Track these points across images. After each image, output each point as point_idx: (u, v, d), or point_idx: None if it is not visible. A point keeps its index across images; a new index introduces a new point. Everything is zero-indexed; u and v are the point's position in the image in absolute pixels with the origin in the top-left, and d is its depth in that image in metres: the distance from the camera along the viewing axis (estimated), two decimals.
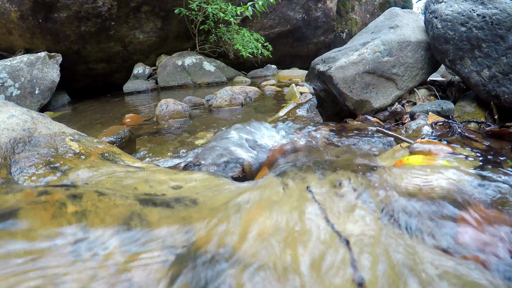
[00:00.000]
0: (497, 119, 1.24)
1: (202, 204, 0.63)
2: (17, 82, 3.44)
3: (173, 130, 2.20)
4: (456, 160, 0.83)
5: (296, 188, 0.65)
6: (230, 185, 0.74)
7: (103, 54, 4.88)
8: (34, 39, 4.33)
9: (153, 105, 3.26)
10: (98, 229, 0.51)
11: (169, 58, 5.09)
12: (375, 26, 1.74)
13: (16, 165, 0.80)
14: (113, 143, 1.53)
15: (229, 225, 0.55)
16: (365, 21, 8.54)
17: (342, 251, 0.50)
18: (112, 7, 4.35)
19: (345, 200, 0.62)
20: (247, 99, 3.24)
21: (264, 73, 5.57)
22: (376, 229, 0.55)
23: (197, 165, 1.14)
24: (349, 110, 1.50)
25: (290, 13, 6.40)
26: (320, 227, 0.55)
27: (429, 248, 0.52)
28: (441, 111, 1.31)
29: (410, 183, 0.66)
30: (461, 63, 1.29)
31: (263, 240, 0.52)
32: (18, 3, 4.00)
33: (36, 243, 0.47)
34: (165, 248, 0.50)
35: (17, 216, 0.50)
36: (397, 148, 1.05)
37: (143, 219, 0.55)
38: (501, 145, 0.97)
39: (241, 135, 1.31)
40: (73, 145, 0.93)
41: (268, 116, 2.38)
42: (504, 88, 1.19)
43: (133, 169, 0.89)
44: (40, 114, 1.05)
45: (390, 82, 1.50)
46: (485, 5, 1.24)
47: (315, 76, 1.56)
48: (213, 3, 4.73)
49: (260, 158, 1.15)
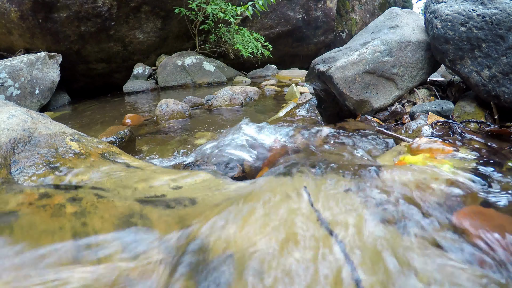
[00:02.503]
0: (497, 119, 1.24)
1: (202, 203, 0.63)
2: (17, 82, 3.44)
3: (173, 130, 2.20)
4: (456, 160, 0.83)
5: (293, 188, 0.65)
6: (230, 185, 0.74)
7: (103, 54, 4.88)
8: (34, 39, 4.33)
9: (153, 105, 3.25)
10: (97, 228, 0.51)
11: (169, 58, 5.08)
12: (375, 26, 1.74)
13: (16, 165, 0.80)
14: (113, 143, 1.53)
15: (228, 223, 0.55)
16: (365, 21, 8.54)
17: (334, 249, 0.50)
18: (112, 7, 4.35)
19: (340, 199, 0.62)
20: (247, 99, 3.24)
21: (264, 73, 5.57)
22: (374, 231, 0.55)
23: (197, 165, 1.14)
24: (349, 110, 1.50)
25: (290, 13, 6.40)
26: (314, 226, 0.54)
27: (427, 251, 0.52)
28: (441, 111, 1.31)
29: (409, 183, 0.66)
30: (461, 63, 1.29)
31: (261, 238, 0.52)
32: (18, 3, 4.00)
33: (36, 241, 0.47)
34: (164, 246, 0.50)
35: (17, 218, 0.50)
36: (397, 148, 1.05)
37: (143, 219, 0.55)
38: (501, 145, 0.97)
39: (241, 136, 1.31)
40: (73, 145, 0.93)
41: (268, 116, 2.38)
42: (504, 88, 1.18)
43: (133, 169, 0.89)
44: (40, 114, 1.06)
45: (390, 82, 1.50)
46: (485, 5, 1.24)
47: (315, 76, 1.56)
48: (213, 3, 4.73)
49: (261, 158, 1.15)
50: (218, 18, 4.80)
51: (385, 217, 0.58)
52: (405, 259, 0.48)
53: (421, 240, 0.53)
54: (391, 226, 0.56)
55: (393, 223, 0.57)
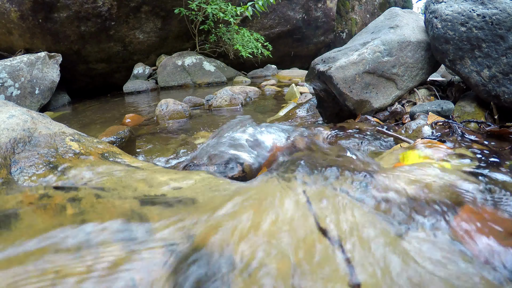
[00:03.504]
0: (497, 119, 1.24)
1: (202, 203, 0.63)
2: (17, 82, 3.44)
3: (173, 130, 2.20)
4: (456, 160, 0.83)
5: (291, 187, 0.65)
6: (230, 185, 0.74)
7: (103, 54, 4.88)
8: (34, 39, 4.33)
9: (153, 105, 3.25)
10: (97, 227, 0.51)
11: (169, 58, 5.08)
12: (375, 26, 1.74)
13: (16, 165, 0.80)
14: (113, 143, 1.53)
15: (227, 222, 0.55)
16: (365, 21, 8.53)
17: (331, 249, 0.50)
18: (112, 7, 4.35)
19: (338, 199, 0.62)
20: (247, 99, 3.24)
21: (264, 73, 5.57)
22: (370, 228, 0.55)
23: (197, 165, 1.14)
24: (349, 110, 1.50)
25: (290, 13, 6.40)
26: (311, 227, 0.55)
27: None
28: (441, 111, 1.31)
29: (408, 183, 0.66)
30: (461, 63, 1.29)
31: (259, 237, 0.52)
32: (18, 3, 4.00)
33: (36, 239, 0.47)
34: (164, 246, 0.50)
35: (17, 218, 0.50)
36: (397, 148, 1.05)
37: (143, 218, 0.55)
38: (501, 145, 0.97)
39: (241, 135, 1.30)
40: (73, 145, 0.93)
41: (268, 116, 2.38)
42: (504, 88, 1.19)
43: (133, 169, 0.89)
44: (40, 114, 1.06)
45: (390, 82, 1.50)
46: (485, 5, 1.24)
47: (315, 76, 1.56)
48: (213, 3, 4.73)
49: (261, 158, 1.15)
50: (218, 18, 4.80)
51: (383, 218, 0.58)
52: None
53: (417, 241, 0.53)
54: (390, 227, 0.56)
55: (391, 224, 0.57)
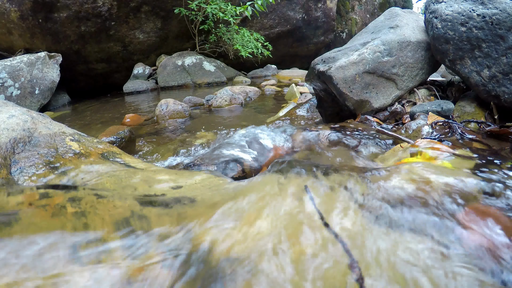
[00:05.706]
0: (497, 119, 1.24)
1: (202, 203, 0.63)
2: (17, 82, 3.44)
3: (173, 130, 2.20)
4: (456, 160, 0.83)
5: (291, 186, 0.65)
6: (230, 184, 0.74)
7: (103, 54, 4.88)
8: (34, 39, 4.33)
9: (153, 105, 3.25)
10: (97, 227, 0.51)
11: (169, 58, 5.08)
12: (375, 26, 1.74)
13: (16, 165, 0.80)
14: (113, 143, 1.53)
15: (226, 221, 0.55)
16: (365, 21, 8.53)
17: (333, 245, 0.50)
18: (112, 7, 4.35)
19: (340, 199, 0.62)
20: (247, 99, 3.24)
21: (264, 73, 5.57)
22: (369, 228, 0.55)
23: (197, 165, 1.14)
24: (349, 110, 1.50)
25: (290, 13, 6.40)
26: (315, 225, 0.55)
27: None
28: (441, 111, 1.31)
29: (408, 182, 0.66)
30: (461, 63, 1.29)
31: (258, 236, 0.52)
32: (18, 3, 4.00)
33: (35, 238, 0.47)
34: (164, 246, 0.50)
35: (17, 218, 0.50)
36: (397, 148, 1.05)
37: (143, 219, 0.55)
38: (501, 145, 0.97)
39: (241, 137, 1.31)
40: (73, 145, 0.93)
41: (268, 116, 2.38)
42: (504, 88, 1.18)
43: (133, 169, 0.89)
44: (40, 114, 1.06)
45: (390, 82, 1.50)
46: (485, 5, 1.24)
47: (315, 76, 1.56)
48: (212, 3, 4.73)
49: (261, 159, 1.15)
50: (218, 18, 4.80)
51: (382, 220, 0.58)
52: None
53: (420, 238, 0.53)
54: (390, 229, 0.56)
55: (390, 224, 0.57)
